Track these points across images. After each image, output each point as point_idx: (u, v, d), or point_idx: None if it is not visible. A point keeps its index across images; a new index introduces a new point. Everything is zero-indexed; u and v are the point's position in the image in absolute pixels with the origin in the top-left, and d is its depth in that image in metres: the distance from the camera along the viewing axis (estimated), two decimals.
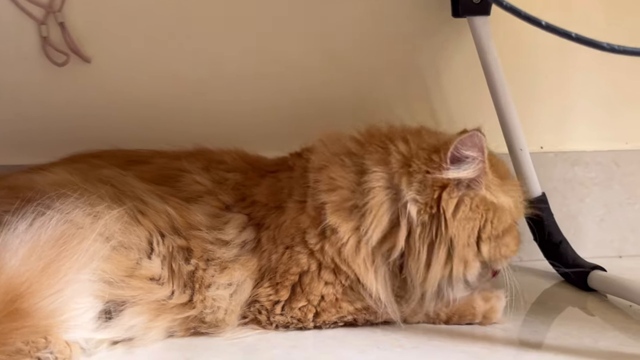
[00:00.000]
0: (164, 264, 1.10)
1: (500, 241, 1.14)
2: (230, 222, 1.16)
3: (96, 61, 1.42)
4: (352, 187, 1.13)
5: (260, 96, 1.47)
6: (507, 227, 1.15)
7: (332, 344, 1.10)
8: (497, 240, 1.14)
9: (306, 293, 1.13)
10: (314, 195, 1.14)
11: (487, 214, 1.13)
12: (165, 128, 1.43)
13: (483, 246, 1.13)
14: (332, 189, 1.13)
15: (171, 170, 1.21)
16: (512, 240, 1.16)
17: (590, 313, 1.29)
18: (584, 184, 1.60)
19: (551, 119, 1.59)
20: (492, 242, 1.13)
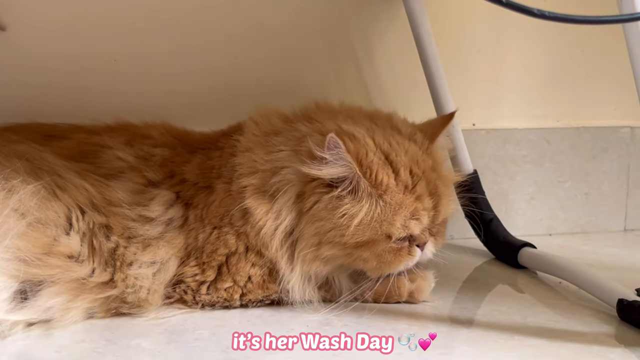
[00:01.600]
0: (84, 241, 1.08)
1: (354, 251, 1.10)
2: (155, 199, 1.13)
3: (12, 29, 1.35)
4: (274, 170, 1.12)
5: (185, 71, 1.44)
6: (367, 241, 1.09)
7: (259, 323, 1.09)
8: (346, 250, 1.10)
9: (232, 274, 1.12)
10: (237, 178, 1.13)
11: (341, 220, 1.08)
12: (84, 101, 1.38)
13: (323, 250, 1.10)
14: (253, 172, 1.12)
15: (90, 146, 1.18)
16: (374, 257, 1.10)
17: (520, 290, 1.30)
18: (515, 162, 1.61)
19: (483, 96, 1.60)
20: (338, 249, 1.10)
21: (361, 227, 1.08)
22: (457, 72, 1.54)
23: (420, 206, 1.10)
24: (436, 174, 1.14)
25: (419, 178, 1.11)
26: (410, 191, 1.10)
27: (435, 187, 1.13)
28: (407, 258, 1.12)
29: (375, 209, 1.08)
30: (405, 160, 1.11)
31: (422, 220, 1.11)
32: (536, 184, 1.63)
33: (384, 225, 1.08)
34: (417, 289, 1.17)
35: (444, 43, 1.47)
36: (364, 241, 1.09)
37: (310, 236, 1.10)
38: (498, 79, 1.60)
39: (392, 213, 1.08)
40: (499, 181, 1.60)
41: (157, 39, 1.41)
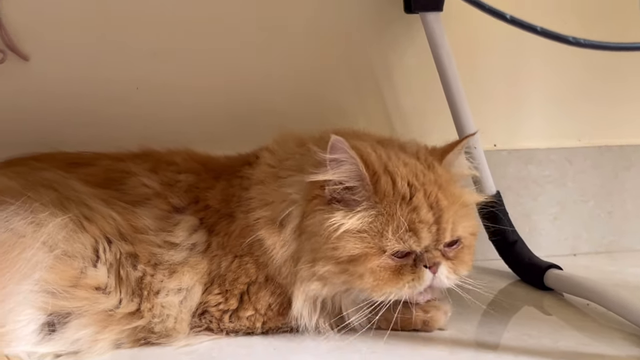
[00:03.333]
0: (111, 272, 1.07)
1: (349, 267, 1.07)
2: (180, 224, 1.13)
3: (35, 59, 1.37)
4: (283, 196, 1.12)
5: (205, 96, 1.45)
6: (360, 254, 1.06)
7: (288, 349, 1.08)
8: (340, 265, 1.07)
9: (253, 302, 1.12)
10: (251, 211, 1.12)
11: (330, 230, 1.06)
12: (108, 129, 1.39)
13: (319, 266, 1.08)
14: (264, 204, 1.12)
15: (116, 173, 1.18)
16: (368, 273, 1.06)
17: (548, 312, 1.29)
18: (537, 182, 1.60)
19: (504, 116, 1.60)
20: (332, 264, 1.07)
21: (352, 238, 1.06)
22: (478, 93, 1.53)
23: (417, 218, 1.07)
24: (439, 188, 1.10)
25: (416, 190, 1.08)
26: (406, 202, 1.07)
27: (437, 201, 1.08)
28: (410, 278, 1.07)
29: (368, 218, 1.06)
30: (403, 171, 1.09)
31: (420, 234, 1.07)
32: (559, 204, 1.62)
33: (376, 237, 1.06)
34: (431, 318, 1.15)
35: (463, 63, 1.46)
36: (357, 255, 1.06)
37: (307, 252, 1.08)
38: (519, 99, 1.60)
39: (385, 223, 1.06)
40: (522, 202, 1.59)
41: (178, 63, 1.43)
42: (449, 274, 1.10)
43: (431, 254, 1.08)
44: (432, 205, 1.08)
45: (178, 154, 1.24)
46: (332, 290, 1.09)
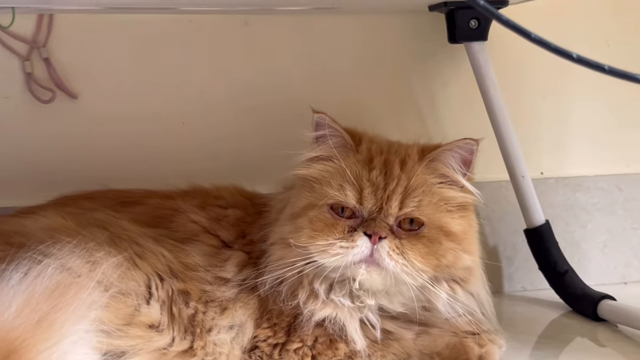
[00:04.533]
0: (163, 309, 1.07)
1: (294, 221, 1.10)
2: (230, 260, 1.14)
3: (83, 97, 1.39)
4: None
5: (251, 130, 1.46)
6: (307, 205, 1.09)
7: None
8: (292, 221, 1.10)
9: (299, 334, 1.10)
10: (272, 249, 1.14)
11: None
12: (156, 166, 1.41)
13: (281, 225, 1.12)
14: (277, 242, 1.13)
15: (165, 211, 1.19)
16: (307, 221, 1.08)
17: (602, 344, 1.27)
18: (586, 210, 1.58)
19: (551, 143, 1.58)
20: (288, 222, 1.11)
21: (306, 190, 1.10)
22: (524, 121, 1.53)
23: (365, 175, 1.08)
24: (402, 164, 1.10)
25: (380, 155, 1.10)
26: (365, 162, 1.10)
27: (392, 170, 1.09)
28: (344, 237, 1.05)
29: (328, 168, 1.11)
30: (383, 144, 1.14)
31: (363, 192, 1.07)
32: (608, 232, 1.60)
33: (324, 186, 1.09)
34: (486, 352, 1.12)
35: (509, 91, 1.46)
36: (305, 205, 1.09)
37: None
38: (565, 126, 1.59)
39: (336, 174, 1.09)
40: (570, 230, 1.57)
41: (224, 100, 1.44)
42: (394, 253, 1.05)
43: (375, 223, 1.06)
44: (387, 172, 1.09)
45: (225, 189, 1.25)
46: (294, 253, 1.07)
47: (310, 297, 1.09)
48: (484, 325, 1.17)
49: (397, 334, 1.12)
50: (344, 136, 1.12)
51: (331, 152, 1.12)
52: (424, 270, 1.06)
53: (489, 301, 1.17)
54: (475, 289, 1.15)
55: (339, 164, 1.10)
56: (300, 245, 1.07)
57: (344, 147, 1.12)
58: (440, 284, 1.10)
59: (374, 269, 1.06)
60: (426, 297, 1.09)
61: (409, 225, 1.08)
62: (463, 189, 1.12)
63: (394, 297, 1.10)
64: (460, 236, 1.10)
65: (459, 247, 1.09)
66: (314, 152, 1.13)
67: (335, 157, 1.11)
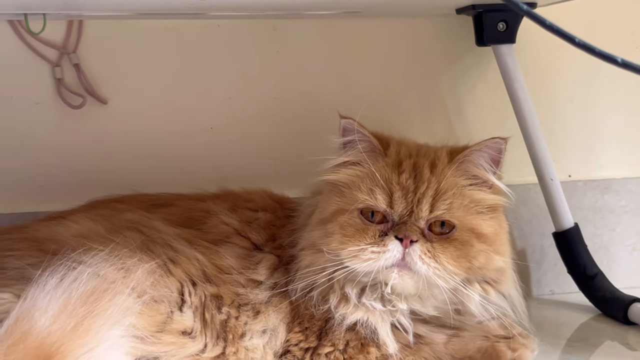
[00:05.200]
0: (196, 315, 1.08)
1: (324, 227, 1.10)
2: (262, 262, 1.15)
3: (113, 102, 1.39)
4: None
5: (279, 135, 1.46)
6: (337, 210, 1.10)
7: None
8: (320, 225, 1.11)
9: (330, 338, 1.10)
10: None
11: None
12: (186, 170, 1.41)
13: (310, 230, 1.12)
14: (307, 247, 1.14)
15: (197, 212, 1.20)
16: (337, 227, 1.08)
17: (633, 348, 1.26)
18: (614, 212, 1.57)
19: (579, 146, 1.58)
20: (318, 227, 1.11)
21: (335, 194, 1.11)
22: (552, 123, 1.52)
23: (395, 179, 1.08)
24: (432, 166, 1.10)
25: (409, 158, 1.11)
26: (395, 165, 1.10)
27: (422, 173, 1.09)
28: (375, 242, 1.06)
29: (356, 172, 1.11)
30: (412, 147, 1.15)
31: (393, 195, 1.07)
32: (637, 234, 1.58)
33: (353, 190, 1.09)
34: (519, 357, 1.12)
35: (537, 93, 1.45)
36: (335, 210, 1.10)
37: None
38: (593, 128, 1.58)
39: (365, 178, 1.10)
40: (599, 233, 1.56)
41: (252, 105, 1.45)
42: (426, 257, 1.05)
43: (406, 227, 1.06)
44: (417, 175, 1.09)
45: (255, 193, 1.26)
46: (325, 258, 1.08)
47: (342, 301, 1.10)
48: (515, 329, 1.16)
49: (428, 338, 1.12)
50: (372, 141, 1.12)
51: (360, 157, 1.12)
52: (456, 273, 1.06)
53: (520, 302, 1.17)
54: (507, 290, 1.14)
55: (368, 168, 1.10)
56: (332, 251, 1.08)
57: (372, 151, 1.13)
58: (473, 286, 1.10)
59: (406, 273, 1.06)
60: (459, 299, 1.09)
61: (440, 229, 1.08)
62: (493, 189, 1.12)
63: (426, 301, 1.11)
64: (492, 237, 1.10)
65: (490, 248, 1.09)
66: (342, 158, 1.13)
67: (364, 161, 1.11)
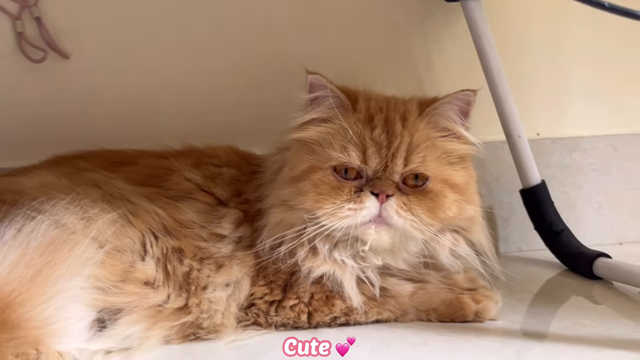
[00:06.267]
0: (159, 266, 1.08)
1: (296, 185, 1.10)
2: (226, 217, 1.14)
3: (75, 57, 1.38)
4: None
5: (246, 91, 1.45)
6: (309, 168, 1.10)
7: (338, 340, 1.06)
8: (293, 184, 1.11)
9: (296, 291, 1.11)
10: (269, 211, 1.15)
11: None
12: (150, 126, 1.40)
13: (280, 188, 1.12)
14: (275, 205, 1.14)
15: (159, 170, 1.19)
16: (311, 186, 1.08)
17: (598, 302, 1.27)
18: (582, 170, 1.59)
19: (547, 104, 1.58)
20: (289, 185, 1.11)
21: (306, 152, 1.10)
22: (520, 81, 1.52)
23: (368, 135, 1.08)
24: (404, 120, 1.11)
25: (381, 113, 1.11)
26: (366, 121, 1.10)
27: (395, 127, 1.09)
28: (351, 199, 1.06)
29: (327, 129, 1.10)
30: (382, 101, 1.13)
31: (367, 151, 1.07)
32: (604, 192, 1.60)
33: (325, 147, 1.09)
34: (483, 308, 1.14)
35: (505, 51, 1.44)
36: (307, 168, 1.09)
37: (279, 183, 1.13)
38: (562, 87, 1.58)
39: (337, 135, 1.09)
40: (566, 191, 1.57)
41: (219, 60, 1.44)
42: (402, 210, 1.06)
43: (381, 182, 1.07)
44: (389, 129, 1.09)
45: (220, 149, 1.25)
46: (296, 215, 1.09)
47: (310, 255, 1.10)
48: (480, 282, 1.18)
49: (394, 291, 1.14)
50: (340, 96, 1.12)
51: (329, 113, 1.12)
52: (431, 224, 1.08)
53: (490, 247, 1.19)
54: (477, 237, 1.16)
55: (339, 124, 1.10)
56: (306, 210, 1.08)
57: (342, 107, 1.12)
58: (445, 235, 1.11)
59: (383, 228, 1.07)
60: (432, 250, 1.11)
61: (414, 181, 1.09)
62: (462, 140, 1.13)
63: (398, 255, 1.12)
64: (464, 187, 1.12)
65: (462, 198, 1.11)
66: (310, 115, 1.13)
67: (335, 117, 1.11)
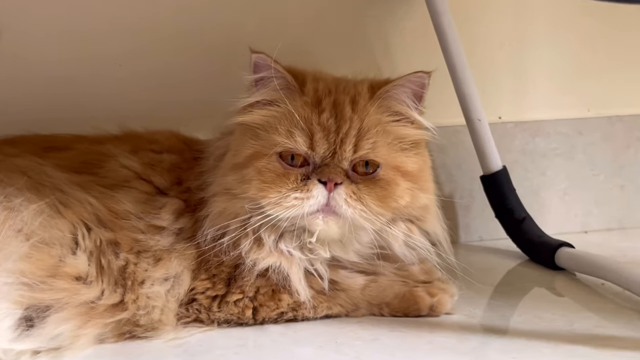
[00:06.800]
0: (91, 260, 1.03)
1: (240, 172, 1.06)
2: (165, 207, 1.11)
3: (6, 34, 1.32)
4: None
5: (189, 73, 1.41)
6: (253, 154, 1.06)
7: (285, 341, 1.04)
8: (237, 172, 1.07)
9: (240, 285, 1.07)
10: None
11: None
12: (85, 108, 1.35)
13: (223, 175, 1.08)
14: (218, 194, 1.10)
15: (93, 156, 1.15)
16: (255, 173, 1.05)
17: (560, 294, 1.26)
18: (545, 156, 1.57)
19: (509, 87, 1.56)
20: (232, 172, 1.07)
21: (250, 137, 1.07)
22: (481, 63, 1.50)
23: (315, 119, 1.05)
24: (353, 103, 1.07)
25: (329, 96, 1.07)
26: (314, 104, 1.07)
27: (344, 111, 1.06)
28: (297, 187, 1.03)
29: (273, 112, 1.07)
30: (330, 82, 1.10)
31: (314, 137, 1.04)
32: (568, 178, 1.59)
33: (270, 132, 1.06)
34: (438, 302, 1.11)
35: (466, 34, 1.42)
36: (250, 154, 1.06)
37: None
38: (525, 70, 1.56)
39: (283, 119, 1.06)
40: (529, 177, 1.56)
41: (160, 40, 1.39)
42: (351, 199, 1.03)
43: (329, 169, 1.04)
44: (338, 113, 1.06)
45: (160, 134, 1.21)
46: (239, 204, 1.06)
47: (254, 247, 1.07)
48: (436, 274, 1.15)
49: (344, 284, 1.11)
50: (286, 77, 1.08)
51: (274, 95, 1.08)
52: (382, 213, 1.05)
53: (446, 238, 1.17)
54: (432, 227, 1.13)
55: (285, 107, 1.07)
56: (250, 199, 1.05)
57: (288, 89, 1.08)
58: (397, 225, 1.08)
59: (332, 218, 1.04)
60: (383, 241, 1.09)
61: (365, 169, 1.06)
62: (416, 125, 1.10)
63: (348, 246, 1.09)
64: (417, 175, 1.09)
65: (415, 186, 1.08)
66: (255, 97, 1.09)
67: (280, 100, 1.08)
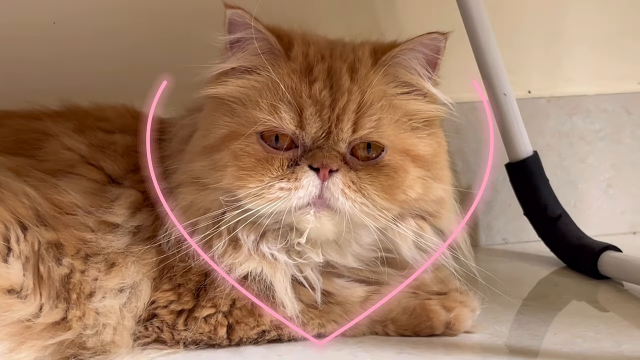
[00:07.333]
0: (27, 269, 1.04)
1: (211, 157, 1.07)
2: (119, 199, 1.12)
3: None
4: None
5: (145, 34, 1.44)
6: (227, 134, 1.07)
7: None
8: (207, 156, 1.08)
9: (211, 297, 1.08)
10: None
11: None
12: (19, 77, 1.40)
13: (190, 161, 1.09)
14: (183, 184, 1.12)
15: (30, 134, 1.17)
16: (230, 157, 1.05)
17: (604, 308, 1.28)
18: (585, 139, 1.59)
19: (541, 55, 1.58)
20: (201, 157, 1.08)
21: (224, 114, 1.07)
22: (507, 24, 1.51)
23: (305, 91, 1.05)
24: (352, 72, 1.08)
25: (322, 62, 1.08)
26: (303, 73, 1.07)
27: (341, 81, 1.06)
28: (279, 175, 1.04)
29: (253, 82, 1.07)
30: (323, 45, 1.11)
31: (304, 112, 1.04)
32: (614, 167, 1.61)
33: (249, 107, 1.05)
34: (455, 318, 1.11)
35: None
36: (225, 135, 1.06)
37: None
38: (559, 33, 1.58)
39: (266, 90, 1.06)
40: (566, 165, 1.58)
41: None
42: (350, 190, 1.04)
43: (323, 153, 1.04)
44: (334, 84, 1.07)
45: (111, 109, 1.23)
46: (211, 197, 1.06)
47: (230, 249, 1.07)
48: (453, 283, 1.17)
49: (340, 296, 1.11)
50: (269, 38, 1.08)
51: (254, 61, 1.08)
52: (387, 207, 1.06)
53: (465, 238, 1.17)
54: (447, 225, 1.14)
55: (267, 76, 1.07)
56: (224, 190, 1.05)
57: (271, 53, 1.09)
58: (406, 222, 1.09)
59: (325, 214, 1.05)
60: (388, 242, 1.09)
61: (366, 152, 1.07)
62: (429, 98, 1.10)
63: (346, 249, 1.10)
64: (430, 160, 1.09)
65: (428, 174, 1.09)
66: (230, 63, 1.09)
67: (262, 67, 1.08)
